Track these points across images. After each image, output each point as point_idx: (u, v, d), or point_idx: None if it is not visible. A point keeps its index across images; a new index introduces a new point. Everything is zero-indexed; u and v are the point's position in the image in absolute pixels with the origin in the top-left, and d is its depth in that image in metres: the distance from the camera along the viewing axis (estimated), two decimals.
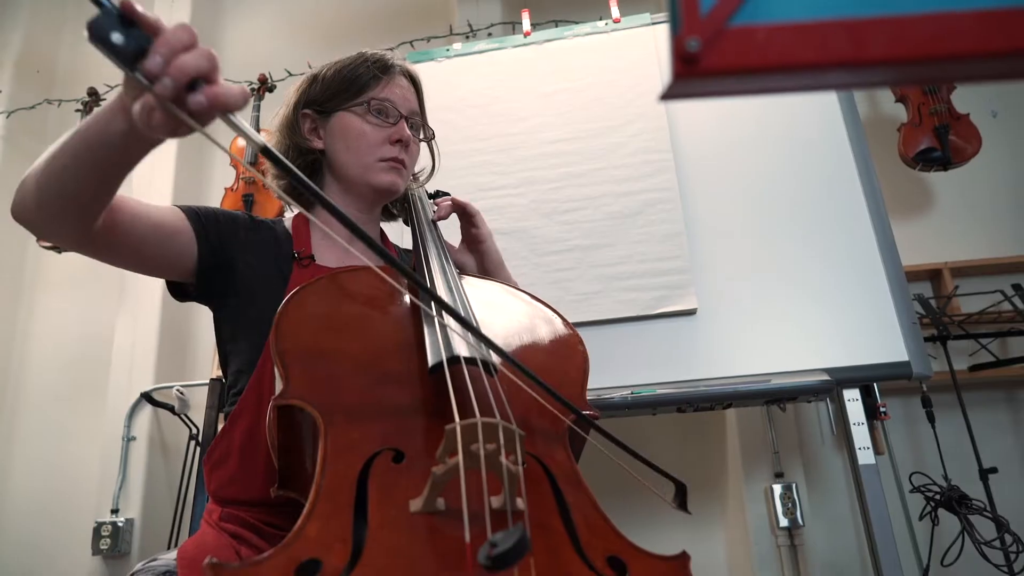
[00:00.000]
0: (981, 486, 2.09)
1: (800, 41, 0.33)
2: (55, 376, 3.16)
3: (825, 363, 1.80)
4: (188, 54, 0.60)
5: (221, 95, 0.60)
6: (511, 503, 0.62)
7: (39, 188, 0.80)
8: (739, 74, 0.34)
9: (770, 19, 0.33)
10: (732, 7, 0.33)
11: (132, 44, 0.58)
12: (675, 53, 0.33)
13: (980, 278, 2.56)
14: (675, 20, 0.34)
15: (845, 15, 0.33)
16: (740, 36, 0.33)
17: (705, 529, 2.48)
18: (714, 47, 0.33)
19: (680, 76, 0.34)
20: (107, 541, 2.58)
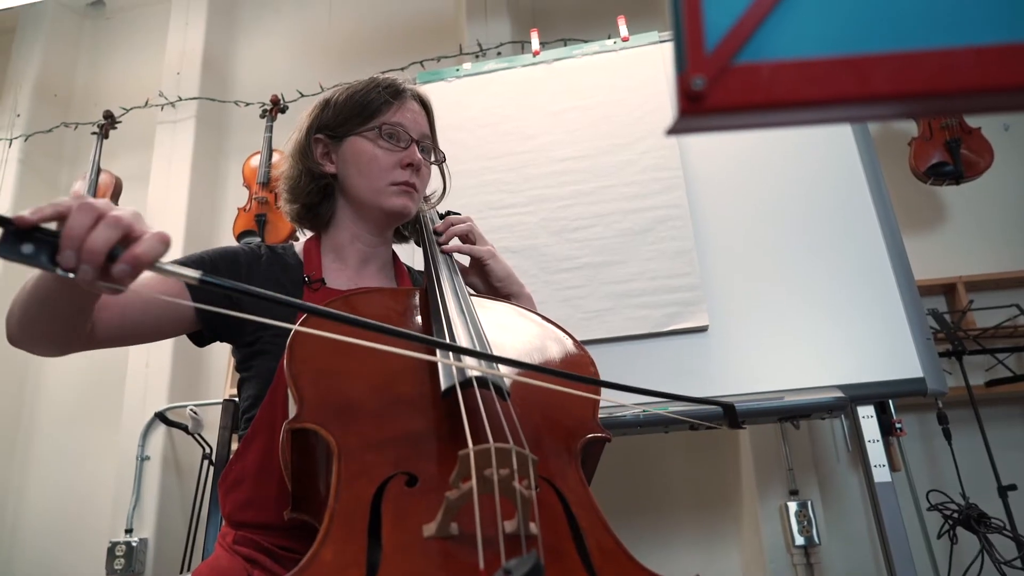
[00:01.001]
0: (1000, 503, 2.06)
1: (804, 78, 0.34)
2: (70, 396, 3.19)
3: (838, 380, 1.79)
4: (95, 233, 0.62)
5: (141, 256, 0.62)
6: (524, 528, 0.62)
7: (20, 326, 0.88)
8: (744, 111, 0.34)
9: (774, 56, 0.34)
10: (736, 45, 0.34)
11: (42, 248, 0.61)
12: (680, 91, 0.34)
13: (995, 292, 2.54)
14: (680, 58, 0.34)
15: (848, 52, 0.34)
16: (745, 74, 0.34)
17: (720, 548, 2.46)
18: (719, 85, 0.34)
19: (686, 113, 0.34)
20: (121, 561, 2.59)
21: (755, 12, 0.34)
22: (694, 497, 2.51)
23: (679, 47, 0.34)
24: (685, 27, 0.34)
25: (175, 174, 3.12)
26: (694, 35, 0.34)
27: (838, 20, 0.34)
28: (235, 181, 3.26)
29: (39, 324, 0.85)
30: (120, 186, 3.02)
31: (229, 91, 3.44)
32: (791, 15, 0.34)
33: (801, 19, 0.34)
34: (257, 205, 2.75)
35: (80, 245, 0.61)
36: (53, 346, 0.90)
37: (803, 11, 0.34)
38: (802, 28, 0.34)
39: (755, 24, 0.34)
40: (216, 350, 3.07)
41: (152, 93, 3.26)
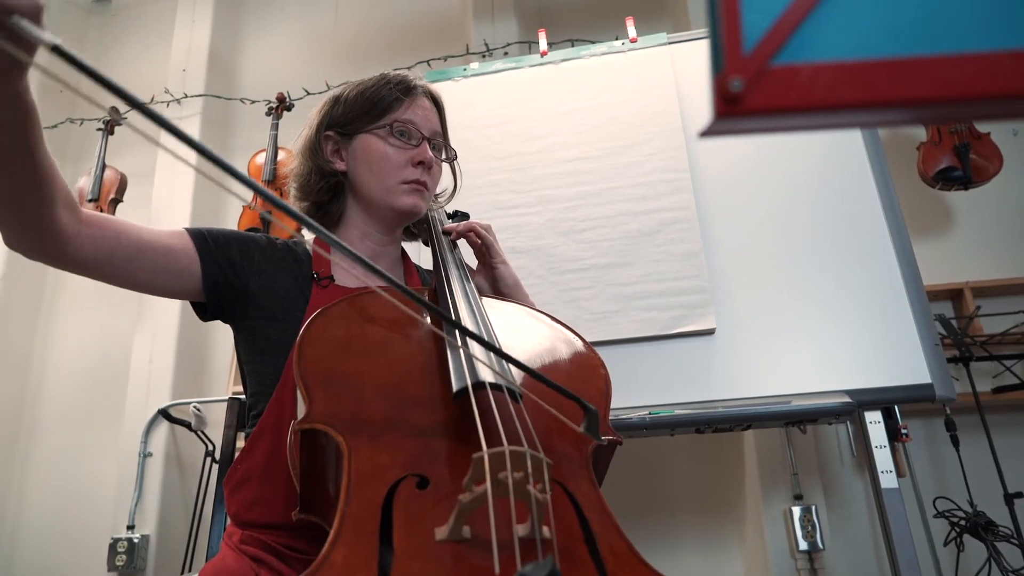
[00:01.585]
0: (1006, 510, 2.05)
1: (844, 81, 0.33)
2: (73, 392, 3.18)
3: (845, 385, 1.78)
4: None
5: None
6: (538, 532, 0.61)
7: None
8: (782, 114, 0.33)
9: (813, 58, 0.33)
10: (775, 46, 0.33)
11: None
12: (717, 92, 0.33)
13: (1002, 298, 2.53)
14: (717, 58, 0.34)
15: (889, 55, 0.33)
16: (783, 76, 0.33)
17: (723, 553, 2.45)
18: (757, 87, 0.33)
19: (722, 115, 0.33)
20: (123, 557, 2.59)
21: (794, 13, 0.33)
22: (698, 501, 2.50)
23: (716, 47, 0.34)
24: (722, 27, 0.33)
25: (180, 172, 3.12)
26: (732, 36, 0.33)
27: (879, 21, 0.33)
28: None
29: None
30: (125, 182, 3.01)
31: (235, 88, 3.43)
32: (831, 16, 0.33)
33: (841, 20, 0.33)
34: (262, 203, 2.74)
35: None
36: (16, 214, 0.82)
37: (843, 12, 0.33)
38: (842, 29, 0.33)
39: (794, 25, 0.33)
40: (219, 346, 3.07)
41: (158, 90, 3.26)
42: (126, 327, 3.06)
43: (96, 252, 0.91)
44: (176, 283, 1.00)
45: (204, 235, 1.03)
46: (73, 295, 3.33)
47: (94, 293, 3.27)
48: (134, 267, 0.95)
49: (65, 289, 3.36)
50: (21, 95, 0.71)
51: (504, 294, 1.23)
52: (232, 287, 1.02)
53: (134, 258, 0.94)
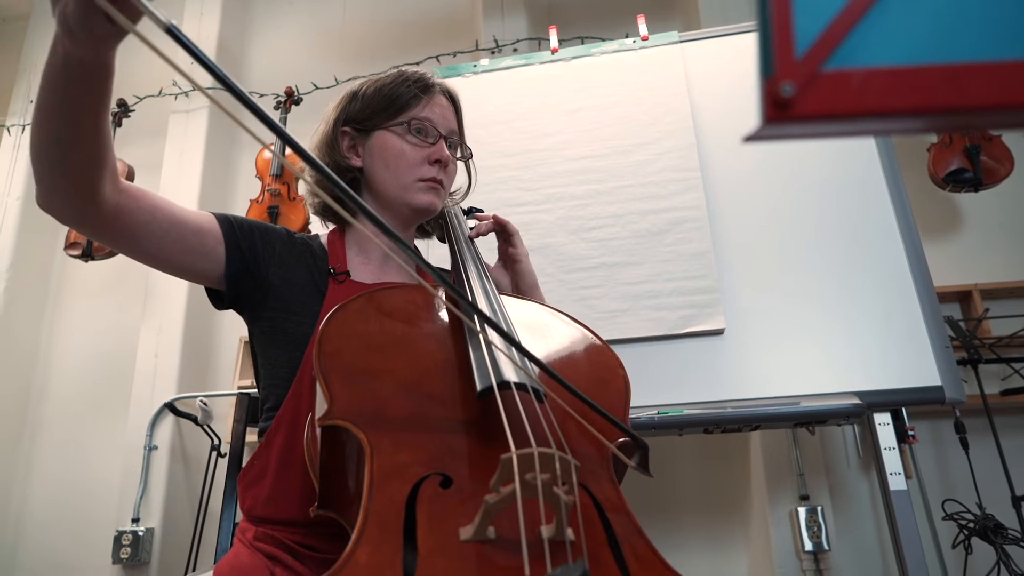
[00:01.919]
0: (1012, 513, 2.05)
1: (897, 87, 0.33)
2: (78, 385, 3.19)
3: (854, 386, 1.78)
4: None
5: None
6: (563, 534, 0.61)
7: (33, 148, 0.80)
8: (832, 119, 0.33)
9: (866, 63, 0.33)
10: (827, 51, 0.33)
11: None
12: (767, 97, 0.33)
13: (1011, 300, 2.52)
14: (767, 62, 0.33)
15: (943, 60, 0.33)
16: (835, 81, 0.33)
17: (728, 552, 2.45)
18: (808, 92, 0.33)
19: (772, 120, 0.33)
20: (127, 550, 2.59)
21: (847, 17, 0.33)
22: (704, 500, 2.50)
23: (766, 51, 0.33)
24: (774, 31, 0.33)
25: (187, 164, 3.11)
26: (783, 39, 0.33)
27: (933, 26, 0.33)
28: (247, 172, 3.25)
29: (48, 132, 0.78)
30: (132, 174, 3.01)
31: (243, 82, 3.43)
32: (883, 21, 0.33)
33: (894, 25, 0.33)
34: (270, 197, 2.74)
35: None
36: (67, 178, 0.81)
37: (896, 16, 0.33)
38: (895, 34, 0.33)
39: (846, 29, 0.33)
40: (225, 340, 3.07)
41: (165, 82, 3.26)
42: (132, 321, 3.07)
43: (132, 224, 0.90)
44: (200, 264, 1.00)
45: (231, 221, 1.04)
46: (79, 288, 3.33)
47: (100, 286, 3.28)
48: (166, 242, 0.95)
49: (71, 282, 3.36)
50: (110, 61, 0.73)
51: (522, 290, 1.23)
52: (253, 276, 1.03)
53: (167, 233, 0.94)
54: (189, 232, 0.97)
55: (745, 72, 2.14)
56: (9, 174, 3.33)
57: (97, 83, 0.75)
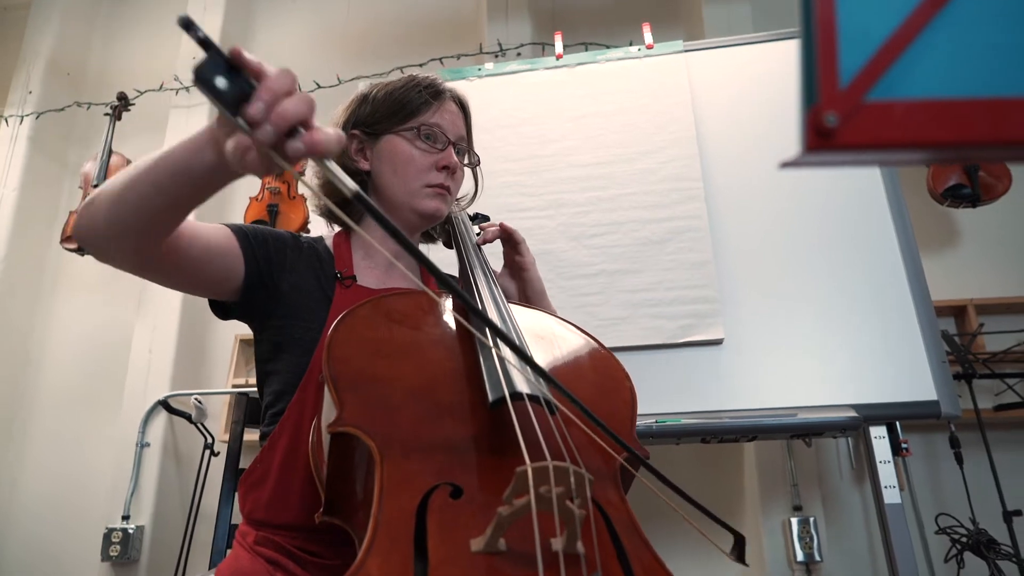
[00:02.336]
0: (1003, 527, 2.06)
1: (938, 119, 0.33)
2: (71, 379, 3.17)
3: (851, 399, 1.78)
4: (289, 101, 0.60)
5: (320, 142, 0.61)
6: (573, 547, 0.61)
7: (111, 210, 0.80)
8: (873, 150, 0.34)
9: (908, 95, 0.33)
10: (871, 81, 0.33)
11: (235, 89, 0.59)
12: (810, 126, 0.33)
13: (1005, 316, 2.54)
14: (811, 90, 0.34)
15: (984, 94, 0.33)
16: (878, 112, 0.33)
17: (720, 561, 2.45)
18: (852, 122, 0.33)
19: (814, 149, 0.33)
20: (117, 548, 2.58)
21: (891, 48, 0.33)
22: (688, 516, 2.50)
23: (810, 80, 0.34)
24: (819, 61, 0.33)
25: None
26: (828, 69, 0.33)
27: (973, 61, 0.33)
28: None
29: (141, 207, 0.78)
30: None
31: None
32: (925, 54, 0.34)
33: (935, 58, 0.34)
34: (270, 195, 2.73)
35: (273, 104, 0.59)
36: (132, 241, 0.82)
37: (937, 50, 0.34)
38: (936, 67, 0.33)
39: (889, 61, 0.33)
40: (220, 338, 3.05)
41: (167, 77, 3.24)
42: (127, 316, 3.05)
43: (173, 263, 0.90)
44: (220, 283, 1.00)
45: (246, 233, 1.03)
46: (74, 281, 3.31)
47: (96, 280, 3.26)
48: (199, 269, 0.95)
49: (67, 275, 3.34)
50: None
51: (529, 298, 1.23)
52: (266, 287, 1.02)
53: (198, 262, 0.94)
54: (216, 255, 0.97)
55: (749, 83, 2.15)
56: (6, 165, 3.31)
57: (222, 185, 0.77)
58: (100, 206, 0.81)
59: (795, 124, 0.86)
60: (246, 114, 0.58)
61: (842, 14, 0.33)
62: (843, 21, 0.33)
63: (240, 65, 0.60)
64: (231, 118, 0.59)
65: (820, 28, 0.33)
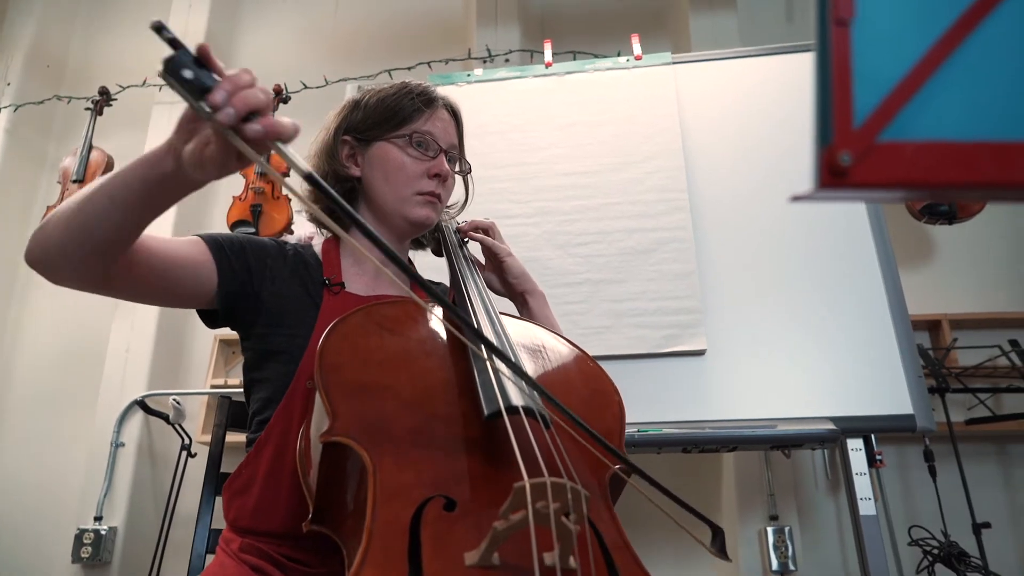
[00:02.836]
0: (972, 539, 2.10)
1: (946, 160, 0.34)
2: (44, 377, 3.10)
3: (829, 411, 1.81)
4: (249, 90, 0.66)
5: (276, 124, 0.66)
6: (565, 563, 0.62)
7: (64, 231, 0.80)
8: (884, 188, 0.35)
9: (918, 136, 0.34)
10: (884, 122, 0.34)
11: (200, 81, 0.65)
12: (824, 164, 0.34)
13: (978, 331, 2.60)
14: (825, 130, 0.34)
15: (991, 138, 0.34)
16: (889, 152, 0.34)
17: (696, 569, 2.48)
18: (864, 162, 0.34)
19: (827, 186, 0.34)
20: (88, 549, 2.53)
21: (901, 92, 0.34)
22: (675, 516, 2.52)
23: (824, 120, 0.34)
24: (834, 101, 0.34)
25: None
26: (843, 110, 0.34)
27: (981, 104, 0.35)
28: None
29: (95, 224, 0.79)
30: (112, 164, 2.95)
31: None
32: (935, 97, 0.35)
33: (945, 101, 0.35)
34: (253, 195, 2.71)
35: (235, 91, 0.65)
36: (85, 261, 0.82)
37: (947, 94, 0.35)
38: (945, 110, 0.35)
39: (901, 104, 0.34)
40: (198, 338, 3.02)
41: (150, 72, 3.20)
42: (104, 314, 3.00)
43: (131, 279, 0.91)
44: (195, 294, 1.00)
45: (220, 243, 1.02)
46: None
47: None
48: (162, 284, 0.95)
49: None
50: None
51: (512, 284, 1.25)
52: (246, 295, 1.02)
53: (163, 277, 0.94)
54: (182, 268, 0.97)
55: (736, 97, 2.18)
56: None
57: (178, 196, 0.80)
58: (54, 227, 0.82)
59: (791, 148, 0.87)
60: (210, 100, 0.64)
61: (857, 55, 0.34)
62: (858, 62, 0.34)
63: (206, 62, 0.66)
64: (195, 103, 0.64)
65: (836, 69, 0.34)
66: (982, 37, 0.34)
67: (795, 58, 2.21)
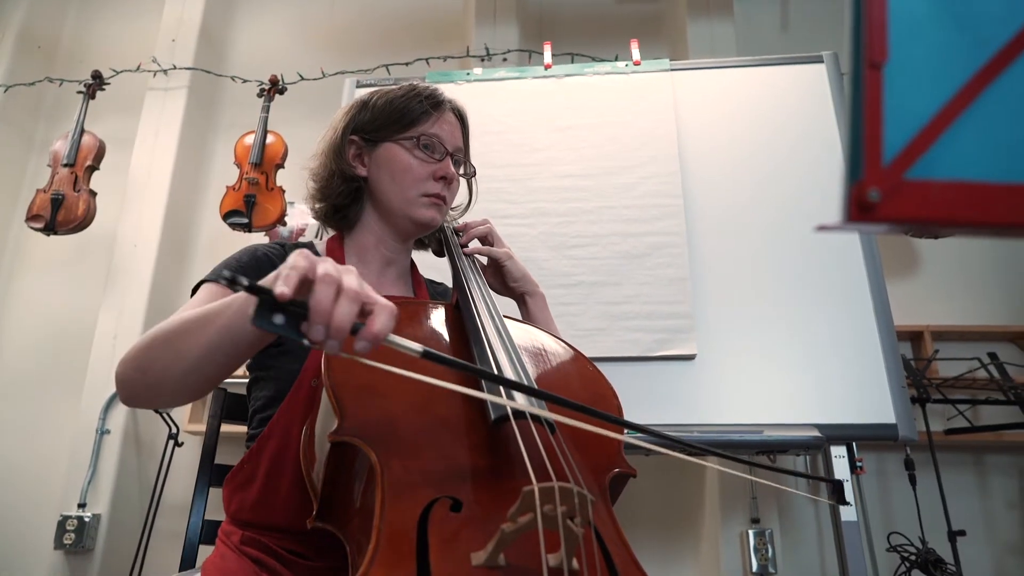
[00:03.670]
0: (947, 546, 2.15)
1: (967, 200, 0.36)
2: (29, 362, 3.07)
3: (814, 418, 1.84)
4: (339, 308, 0.64)
5: (379, 333, 0.65)
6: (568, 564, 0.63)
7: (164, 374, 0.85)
8: (908, 223, 0.36)
9: (943, 176, 0.36)
10: (911, 161, 0.36)
11: (292, 320, 0.63)
12: (853, 200, 0.36)
13: (959, 343, 2.65)
14: (856, 167, 0.36)
15: (1013, 180, 0.36)
16: (915, 189, 0.36)
17: (679, 570, 2.51)
18: (892, 198, 0.36)
19: (855, 220, 0.36)
20: (71, 536, 2.52)
21: (928, 133, 0.36)
22: (659, 517, 2.56)
23: (855, 156, 0.36)
24: (865, 139, 0.36)
25: (161, 144, 3.04)
26: (873, 147, 0.36)
27: (1001, 149, 0.37)
28: (223, 157, 3.19)
29: (201, 367, 0.84)
30: (103, 149, 2.92)
31: (225, 65, 3.36)
32: (960, 139, 0.36)
33: (969, 143, 0.36)
34: (247, 185, 2.70)
35: (328, 321, 0.63)
36: (191, 394, 0.90)
37: (971, 137, 0.37)
38: (968, 152, 0.36)
39: (928, 143, 0.36)
40: None
41: (144, 57, 3.17)
42: (92, 299, 2.97)
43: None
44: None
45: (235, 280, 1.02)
46: (37, 260, 3.22)
47: (60, 261, 3.17)
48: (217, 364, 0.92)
49: (29, 254, 3.24)
50: None
51: (512, 288, 1.26)
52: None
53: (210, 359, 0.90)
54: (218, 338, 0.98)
55: (733, 106, 2.21)
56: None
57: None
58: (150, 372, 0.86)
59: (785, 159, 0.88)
60: (310, 338, 0.63)
61: (888, 97, 0.36)
62: (889, 104, 0.36)
63: (287, 300, 0.62)
64: (299, 343, 0.63)
65: (868, 109, 0.36)
66: (1004, 85, 0.36)
67: (791, 69, 2.24)
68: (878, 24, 0.36)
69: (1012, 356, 2.60)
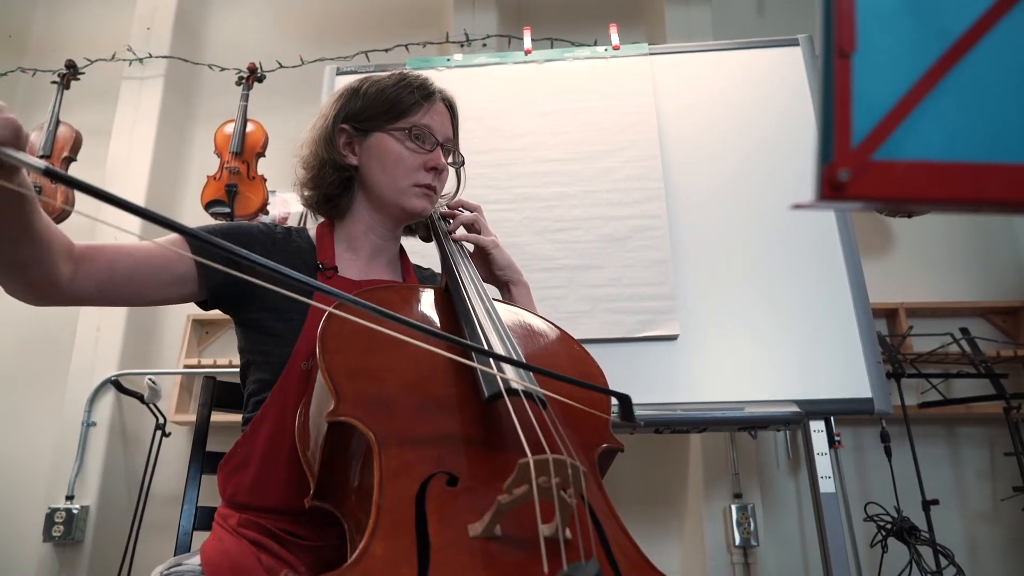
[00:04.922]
0: (922, 516, 2.23)
1: (930, 179, 0.39)
2: (12, 354, 3.05)
3: (793, 394, 1.89)
4: None
5: None
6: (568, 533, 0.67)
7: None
8: (875, 201, 0.39)
9: (907, 156, 0.39)
10: (876, 144, 0.39)
11: None
12: (825, 180, 0.39)
13: (932, 319, 2.72)
14: (827, 149, 0.39)
15: (969, 159, 0.39)
16: (881, 169, 0.39)
17: (662, 544, 2.57)
18: (860, 178, 0.39)
19: (827, 199, 0.39)
20: (60, 528, 2.52)
21: (893, 117, 0.39)
22: (643, 494, 2.61)
23: (827, 139, 0.39)
24: (836, 124, 0.39)
25: (139, 133, 3.01)
26: (843, 131, 0.39)
27: (961, 130, 0.40)
28: (202, 146, 3.17)
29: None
30: (80, 140, 2.89)
31: (202, 54, 3.33)
32: (922, 122, 0.39)
33: (930, 127, 0.40)
34: (228, 175, 2.69)
35: None
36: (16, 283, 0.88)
37: (933, 119, 0.40)
38: (931, 134, 0.39)
39: (893, 127, 0.39)
40: (172, 316, 3.00)
41: (119, 46, 3.13)
42: None
43: (95, 286, 0.94)
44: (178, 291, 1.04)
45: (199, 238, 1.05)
46: None
47: None
48: (134, 287, 0.99)
49: None
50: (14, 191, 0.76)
51: (498, 276, 1.29)
52: (235, 284, 1.04)
53: (132, 279, 0.98)
54: (155, 269, 1.00)
55: (711, 90, 2.24)
56: None
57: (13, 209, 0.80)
58: None
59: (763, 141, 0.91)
60: None
61: (857, 84, 0.39)
62: (857, 90, 0.39)
63: None
64: None
65: (838, 95, 0.39)
66: (962, 72, 0.39)
67: (768, 52, 2.27)
68: (847, 16, 0.39)
69: (983, 331, 2.68)
